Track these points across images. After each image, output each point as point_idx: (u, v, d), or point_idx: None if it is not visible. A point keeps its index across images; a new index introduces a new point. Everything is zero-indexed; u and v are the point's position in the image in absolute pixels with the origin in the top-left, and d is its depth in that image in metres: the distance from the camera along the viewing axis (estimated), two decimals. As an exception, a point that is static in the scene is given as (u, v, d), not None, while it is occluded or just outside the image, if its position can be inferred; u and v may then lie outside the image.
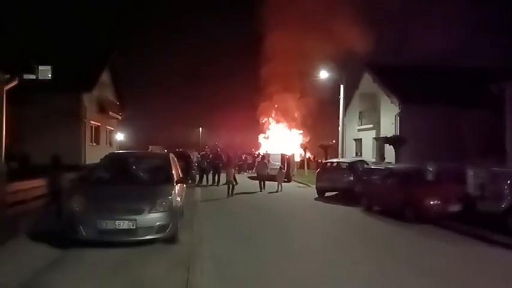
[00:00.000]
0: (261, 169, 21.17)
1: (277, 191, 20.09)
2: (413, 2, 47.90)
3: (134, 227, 7.52)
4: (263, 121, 48.95)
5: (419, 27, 41.17)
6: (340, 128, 26.81)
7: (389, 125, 26.28)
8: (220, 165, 23.71)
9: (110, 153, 11.37)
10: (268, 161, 23.14)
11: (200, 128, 67.10)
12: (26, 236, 8.20)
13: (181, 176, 10.22)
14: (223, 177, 21.51)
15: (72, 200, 7.94)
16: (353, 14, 36.65)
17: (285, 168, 26.48)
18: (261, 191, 20.04)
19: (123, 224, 7.49)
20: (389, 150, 23.44)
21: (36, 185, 10.65)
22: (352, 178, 16.69)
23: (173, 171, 9.34)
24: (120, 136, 36.70)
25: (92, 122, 26.91)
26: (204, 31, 76.22)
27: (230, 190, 18.04)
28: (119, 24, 76.26)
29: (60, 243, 7.56)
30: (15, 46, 9.42)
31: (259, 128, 50.70)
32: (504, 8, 51.60)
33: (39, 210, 9.97)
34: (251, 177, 27.01)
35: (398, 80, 25.90)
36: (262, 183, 20.47)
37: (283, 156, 27.24)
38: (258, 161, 21.41)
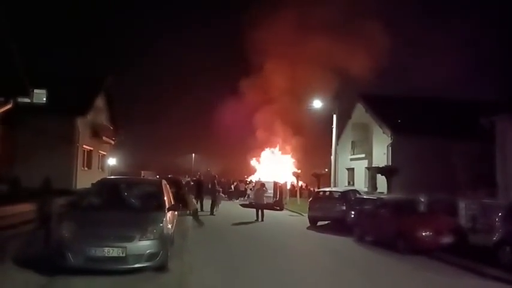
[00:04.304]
0: (259, 198, 20.56)
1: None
2: (406, 34, 48.99)
3: (124, 255, 7.38)
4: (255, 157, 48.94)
5: (413, 59, 42.04)
6: (332, 157, 26.92)
7: (381, 155, 26.44)
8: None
9: (101, 179, 11.30)
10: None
11: (193, 154, 66.98)
12: (12, 262, 8.00)
13: (173, 203, 10.13)
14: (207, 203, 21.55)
15: (61, 226, 7.83)
16: (347, 45, 37.42)
17: (278, 196, 26.33)
18: (257, 220, 19.39)
19: (113, 252, 7.35)
20: (382, 180, 23.48)
21: (25, 209, 10.50)
22: (344, 207, 16.63)
23: (165, 198, 9.25)
24: (112, 161, 36.47)
25: (84, 146, 26.76)
26: (200, 57, 76.95)
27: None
28: (113, 48, 76.92)
29: (47, 270, 7.40)
30: (10, 68, 9.45)
31: (253, 155, 50.67)
32: (498, 42, 52.96)
33: (27, 235, 9.79)
34: (243, 205, 26.84)
35: (390, 111, 26.23)
36: (259, 212, 19.75)
37: (275, 184, 27.17)
38: (256, 189, 20.99)
